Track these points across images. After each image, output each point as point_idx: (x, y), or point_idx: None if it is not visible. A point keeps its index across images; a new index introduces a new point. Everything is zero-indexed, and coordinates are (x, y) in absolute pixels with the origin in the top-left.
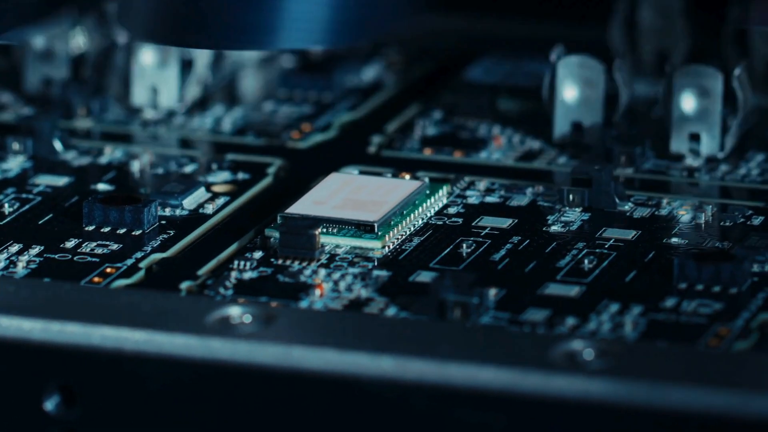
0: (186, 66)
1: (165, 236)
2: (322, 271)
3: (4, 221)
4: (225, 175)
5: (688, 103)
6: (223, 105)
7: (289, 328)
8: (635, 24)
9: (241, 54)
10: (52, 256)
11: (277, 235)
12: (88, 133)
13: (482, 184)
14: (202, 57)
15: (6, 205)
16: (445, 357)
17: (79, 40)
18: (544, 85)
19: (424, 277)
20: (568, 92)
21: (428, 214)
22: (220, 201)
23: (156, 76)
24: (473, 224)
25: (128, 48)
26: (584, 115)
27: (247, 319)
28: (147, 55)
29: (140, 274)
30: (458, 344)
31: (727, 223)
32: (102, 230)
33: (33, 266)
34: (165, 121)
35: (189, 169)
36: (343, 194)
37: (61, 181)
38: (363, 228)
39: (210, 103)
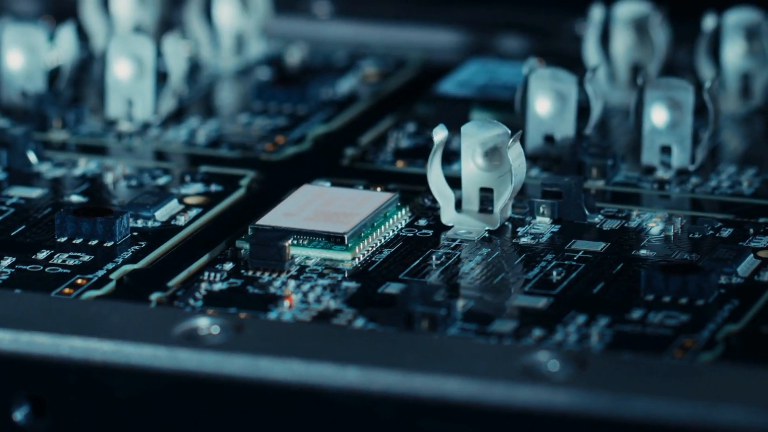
0: (161, 78)
1: (136, 248)
2: (292, 283)
3: None
4: (198, 187)
5: (659, 115)
6: (199, 117)
7: (257, 340)
8: (610, 36)
9: (217, 66)
10: (24, 267)
11: (247, 246)
12: (63, 145)
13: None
14: (177, 69)
15: None
16: (410, 368)
17: (55, 53)
18: (517, 98)
19: (393, 288)
20: (541, 105)
21: (399, 226)
22: (193, 213)
23: (131, 89)
24: (444, 236)
25: (103, 61)
26: (556, 128)
27: (215, 330)
28: (122, 68)
29: (111, 285)
30: (424, 355)
31: (696, 236)
32: (74, 242)
33: (4, 277)
34: (140, 133)
35: (162, 181)
36: (314, 206)
37: (35, 192)
38: (333, 240)
39: (185, 116)
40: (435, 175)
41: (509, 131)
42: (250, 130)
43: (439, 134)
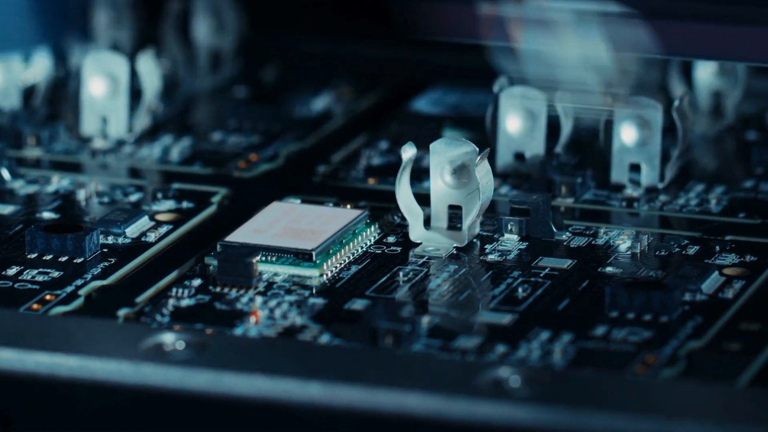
0: (136, 96)
1: (106, 264)
2: (259, 299)
3: None
4: (170, 204)
5: (628, 134)
6: (173, 134)
7: (221, 355)
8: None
9: (192, 84)
10: None
11: (216, 262)
12: (38, 162)
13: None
14: (151, 87)
15: None
16: (372, 383)
17: (31, 71)
18: (487, 116)
19: (360, 304)
20: (511, 123)
21: (367, 243)
22: (163, 229)
23: (106, 106)
24: (412, 253)
25: (78, 78)
26: (526, 146)
27: (180, 345)
28: (97, 86)
29: (79, 301)
30: (386, 371)
31: (663, 253)
32: (44, 258)
33: None
34: (114, 151)
35: (135, 197)
36: (283, 223)
37: (7, 209)
38: (301, 256)
39: (160, 133)
40: (403, 192)
41: (477, 149)
42: (223, 148)
43: (408, 152)
